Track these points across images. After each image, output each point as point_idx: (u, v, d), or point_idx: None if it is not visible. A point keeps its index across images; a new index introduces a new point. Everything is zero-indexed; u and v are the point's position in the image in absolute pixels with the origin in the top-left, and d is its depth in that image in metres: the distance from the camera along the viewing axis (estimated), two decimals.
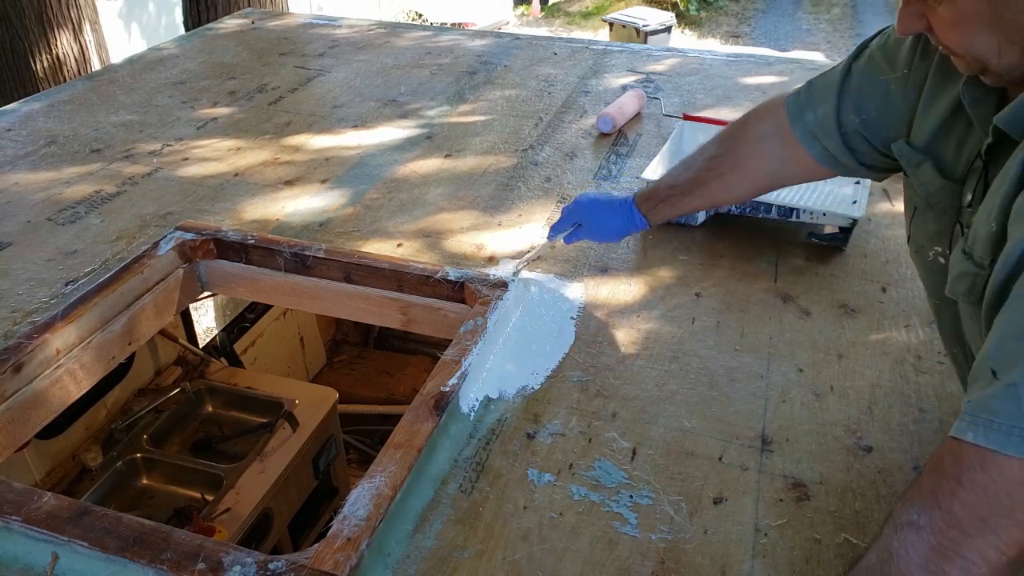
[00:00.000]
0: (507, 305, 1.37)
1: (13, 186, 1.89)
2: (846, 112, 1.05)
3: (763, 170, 1.18)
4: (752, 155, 1.18)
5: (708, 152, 1.23)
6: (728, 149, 1.21)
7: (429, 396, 1.16)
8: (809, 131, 1.09)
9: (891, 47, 1.00)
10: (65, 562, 0.98)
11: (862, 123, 1.03)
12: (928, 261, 0.99)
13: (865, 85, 1.03)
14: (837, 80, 1.06)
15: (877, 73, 1.01)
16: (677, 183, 1.26)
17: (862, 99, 1.03)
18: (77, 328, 1.38)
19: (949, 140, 0.92)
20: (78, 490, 1.80)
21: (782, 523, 1.03)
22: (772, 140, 1.15)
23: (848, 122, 1.05)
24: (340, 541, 0.95)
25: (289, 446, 1.89)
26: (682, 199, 1.25)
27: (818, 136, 1.08)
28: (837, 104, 1.05)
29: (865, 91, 1.03)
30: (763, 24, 11.10)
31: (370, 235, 1.67)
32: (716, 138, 1.24)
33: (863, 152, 1.06)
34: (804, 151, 1.10)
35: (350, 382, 2.88)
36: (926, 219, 0.98)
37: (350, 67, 2.65)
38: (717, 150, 1.22)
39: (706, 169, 1.22)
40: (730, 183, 1.21)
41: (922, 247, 1.00)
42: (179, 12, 4.77)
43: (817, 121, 1.08)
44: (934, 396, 1.23)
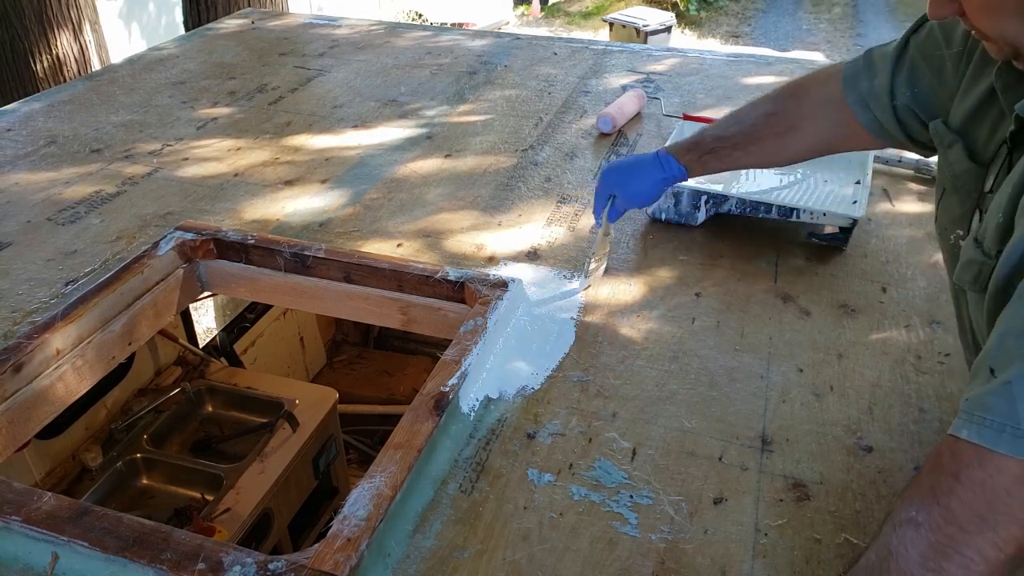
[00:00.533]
0: (507, 305, 1.37)
1: (13, 186, 1.89)
2: (900, 84, 1.04)
3: (820, 134, 1.17)
4: (812, 117, 1.17)
5: (764, 108, 1.21)
6: (788, 108, 1.19)
7: (429, 396, 1.16)
8: (862, 99, 1.09)
9: (950, 23, 0.99)
10: (65, 562, 0.98)
11: (913, 97, 1.03)
12: (950, 244, 0.99)
13: (921, 59, 1.02)
14: (894, 52, 1.05)
15: (933, 48, 1.00)
16: (726, 135, 1.23)
17: (916, 73, 1.03)
18: (77, 328, 1.38)
19: (983, 124, 0.92)
20: (78, 490, 1.80)
21: (782, 523, 1.03)
22: (832, 106, 1.14)
23: (901, 94, 1.04)
24: (340, 541, 0.95)
25: (289, 446, 1.89)
26: (732, 153, 1.22)
27: (870, 106, 1.08)
28: (892, 75, 1.05)
29: (920, 65, 1.02)
30: (763, 24, 11.10)
31: (370, 235, 1.67)
32: (771, 95, 1.22)
33: (912, 126, 1.06)
34: (856, 120, 1.11)
35: (350, 382, 2.88)
36: (952, 201, 0.97)
37: (350, 67, 2.65)
38: (775, 107, 1.20)
39: (764, 125, 1.20)
40: (787, 143, 1.19)
41: (945, 229, 1.00)
42: (179, 12, 4.77)
43: (871, 90, 1.08)
44: (934, 396, 1.23)
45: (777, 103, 1.20)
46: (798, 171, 1.72)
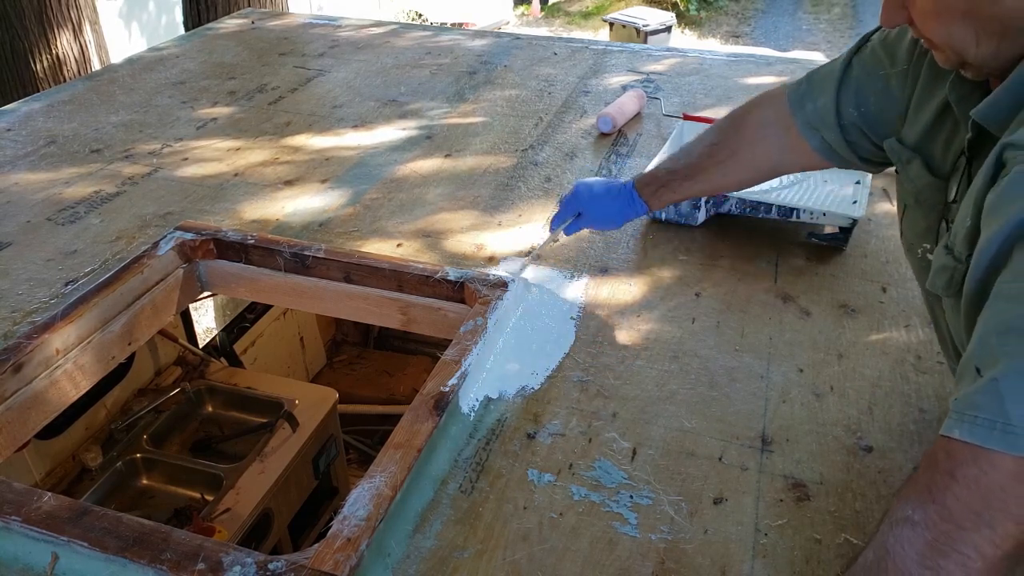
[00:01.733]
0: (507, 305, 1.37)
1: (13, 186, 1.89)
2: (845, 104, 1.05)
3: (763, 158, 1.18)
4: (752, 143, 1.18)
5: (708, 139, 1.24)
6: (728, 136, 1.21)
7: (429, 396, 1.16)
8: (809, 121, 1.09)
9: (892, 41, 1.00)
10: (65, 562, 0.98)
11: (860, 116, 1.04)
12: (918, 258, 1.00)
13: (865, 78, 1.03)
14: (838, 72, 1.06)
15: (877, 67, 1.01)
16: (676, 168, 1.26)
17: (861, 92, 1.03)
18: (77, 328, 1.37)
19: (938, 138, 0.93)
20: (78, 490, 1.80)
21: (782, 523, 1.03)
22: (773, 128, 1.15)
23: (847, 114, 1.05)
24: (340, 541, 0.95)
25: (289, 446, 1.89)
26: (682, 184, 1.25)
27: (818, 127, 1.09)
28: (837, 96, 1.05)
29: (865, 84, 1.03)
30: (763, 24, 11.10)
31: (370, 235, 1.67)
32: (716, 125, 1.25)
33: (861, 146, 1.07)
34: (804, 141, 1.11)
35: (350, 382, 2.88)
36: (916, 216, 0.99)
37: (350, 67, 2.65)
38: (717, 137, 1.22)
39: (707, 155, 1.22)
40: (730, 170, 1.21)
41: (912, 244, 1.01)
42: (179, 12, 4.77)
43: (817, 112, 1.08)
44: (934, 396, 1.23)
45: (719, 133, 1.23)
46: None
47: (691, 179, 1.24)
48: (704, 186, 1.26)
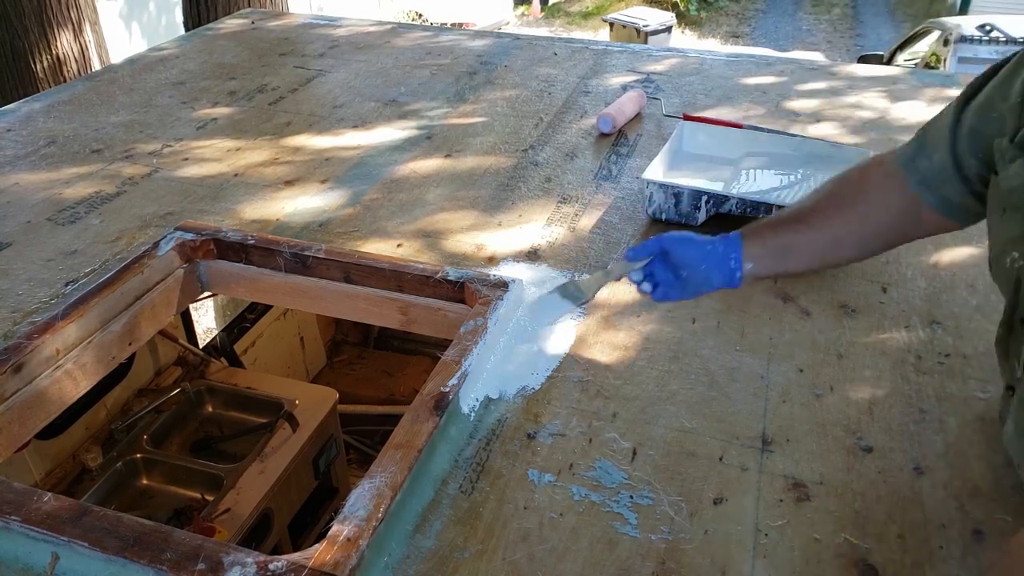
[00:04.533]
0: (507, 305, 1.37)
1: (13, 186, 1.89)
2: (963, 154, 0.99)
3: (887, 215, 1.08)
4: (873, 198, 1.08)
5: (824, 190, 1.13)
6: (845, 191, 1.10)
7: (429, 396, 1.16)
8: (925, 179, 1.03)
9: (1004, 80, 0.96)
10: (65, 562, 0.98)
11: (979, 164, 0.98)
12: (1006, 268, 0.94)
13: (981, 125, 0.97)
14: (948, 124, 1.01)
15: (990, 110, 0.96)
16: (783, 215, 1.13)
17: (978, 139, 0.97)
18: (77, 328, 1.38)
19: None
20: (78, 490, 1.80)
21: (782, 523, 1.03)
22: (891, 188, 1.07)
23: (968, 165, 0.99)
24: (340, 541, 0.95)
25: (289, 446, 1.89)
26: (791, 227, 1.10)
27: (934, 184, 1.02)
28: (952, 147, 1.00)
29: (981, 131, 0.97)
30: (763, 24, 11.10)
31: (370, 235, 1.67)
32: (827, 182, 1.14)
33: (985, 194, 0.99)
34: (921, 201, 1.04)
35: (350, 382, 2.88)
36: (1009, 221, 0.93)
37: (350, 67, 2.65)
38: (832, 188, 1.12)
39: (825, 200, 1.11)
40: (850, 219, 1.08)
41: (1001, 253, 0.95)
42: (179, 12, 4.77)
43: (933, 168, 1.02)
44: (934, 396, 1.23)
45: (836, 186, 1.12)
46: (799, 171, 1.72)
47: (802, 222, 1.09)
48: (818, 236, 1.09)
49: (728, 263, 1.10)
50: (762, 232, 1.11)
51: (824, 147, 1.78)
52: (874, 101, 2.32)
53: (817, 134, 2.03)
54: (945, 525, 1.02)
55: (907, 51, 6.98)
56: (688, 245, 1.12)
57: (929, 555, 0.98)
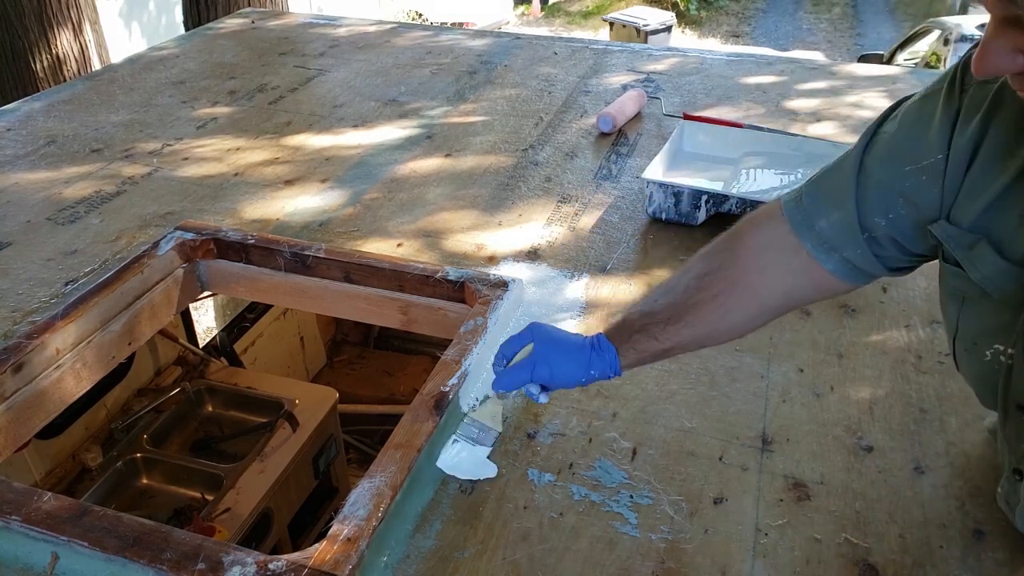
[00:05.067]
0: (507, 305, 1.36)
1: (13, 186, 1.89)
2: (869, 214, 0.86)
3: (772, 286, 0.95)
4: (754, 268, 0.95)
5: (695, 270, 0.99)
6: (723, 262, 0.97)
7: (429, 396, 1.16)
8: (823, 242, 0.90)
9: (912, 130, 0.84)
10: (65, 562, 0.98)
11: (890, 224, 0.86)
12: (985, 361, 0.85)
13: (888, 180, 0.85)
14: (850, 177, 0.87)
15: (901, 164, 0.84)
16: (656, 309, 0.98)
17: (887, 197, 0.85)
18: (77, 328, 1.37)
19: (1007, 215, 0.77)
20: (78, 490, 1.80)
21: (782, 523, 1.03)
22: (776, 252, 0.94)
23: (873, 225, 0.86)
24: (340, 541, 0.95)
25: (289, 446, 1.89)
26: (666, 329, 0.96)
27: (836, 247, 0.89)
28: (857, 206, 0.87)
29: (889, 187, 0.85)
30: (763, 24, 11.10)
31: (370, 235, 1.67)
32: (700, 254, 1.00)
33: (891, 256, 0.89)
34: (816, 264, 0.91)
35: (350, 382, 2.88)
36: (983, 311, 0.83)
37: (350, 67, 2.65)
38: (707, 266, 0.98)
39: (696, 289, 0.96)
40: (731, 305, 0.95)
41: (976, 345, 0.85)
42: (179, 12, 4.77)
43: (833, 229, 0.89)
44: (935, 396, 1.23)
45: (710, 259, 0.98)
46: (799, 171, 1.72)
47: (677, 321, 0.96)
48: (696, 331, 0.97)
49: (607, 373, 0.99)
50: (635, 339, 0.98)
51: (824, 147, 1.78)
52: (874, 101, 2.32)
53: (817, 134, 2.03)
54: (945, 525, 1.02)
55: (907, 50, 6.99)
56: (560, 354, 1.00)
57: (929, 555, 0.98)
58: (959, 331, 0.88)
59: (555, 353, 1.00)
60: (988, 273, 0.79)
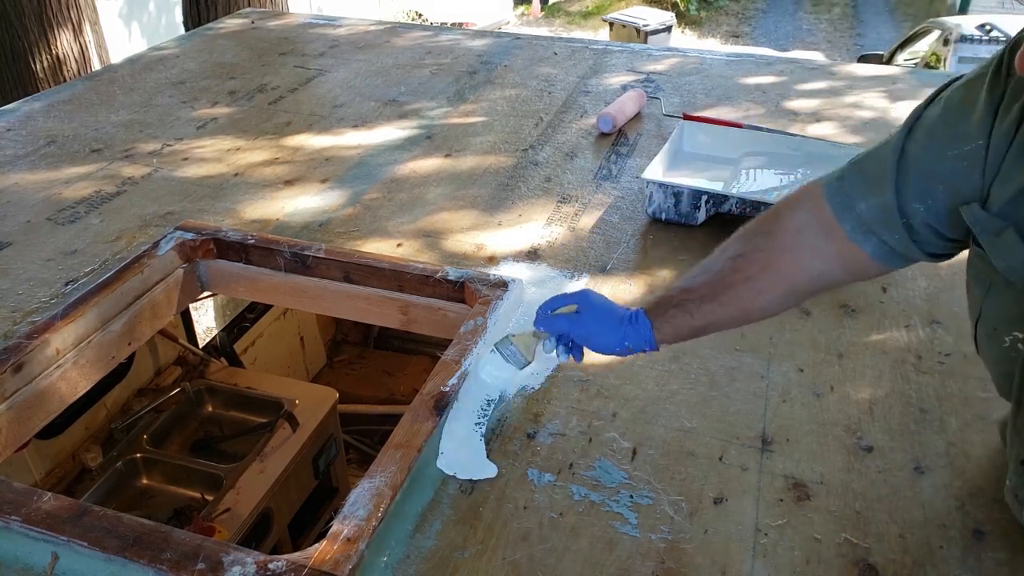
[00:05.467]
0: (507, 305, 1.36)
1: (13, 186, 1.89)
2: (909, 199, 0.87)
3: (804, 269, 0.96)
4: (789, 250, 0.96)
5: (731, 250, 1.00)
6: (758, 245, 0.98)
7: (429, 396, 1.16)
8: (863, 225, 0.90)
9: (954, 115, 0.84)
10: (65, 562, 0.98)
11: (928, 210, 0.86)
12: (1004, 348, 0.85)
13: (928, 166, 0.85)
14: (891, 162, 0.88)
15: (943, 149, 0.84)
16: (692, 285, 1.01)
17: (926, 183, 0.85)
18: (77, 328, 1.37)
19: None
20: (78, 490, 1.80)
21: (782, 523, 1.03)
22: (812, 234, 0.95)
23: (912, 211, 0.87)
24: (340, 541, 0.95)
25: (289, 446, 1.89)
26: (701, 307, 0.99)
27: (875, 230, 0.90)
28: (896, 191, 0.87)
29: (929, 173, 0.85)
30: (763, 24, 11.11)
31: (370, 235, 1.67)
32: (739, 233, 1.02)
33: (929, 241, 0.89)
34: (855, 247, 0.92)
35: (350, 382, 2.88)
36: (1006, 298, 0.84)
37: (350, 67, 2.65)
38: (742, 247, 0.99)
39: (731, 269, 0.98)
40: (763, 286, 0.97)
41: (996, 331, 0.86)
42: (179, 12, 4.77)
43: (872, 213, 0.89)
44: (935, 396, 1.23)
45: (746, 241, 1.00)
46: (798, 171, 1.72)
47: (712, 300, 0.99)
48: (729, 310, 0.99)
49: (641, 346, 1.03)
50: (671, 314, 1.01)
51: (824, 147, 1.78)
52: (874, 101, 2.32)
53: (817, 134, 2.03)
54: (945, 525, 1.02)
55: (907, 51, 6.98)
56: (599, 321, 1.05)
57: (929, 555, 0.98)
58: (982, 315, 0.88)
59: (595, 318, 1.05)
60: (1013, 262, 0.79)
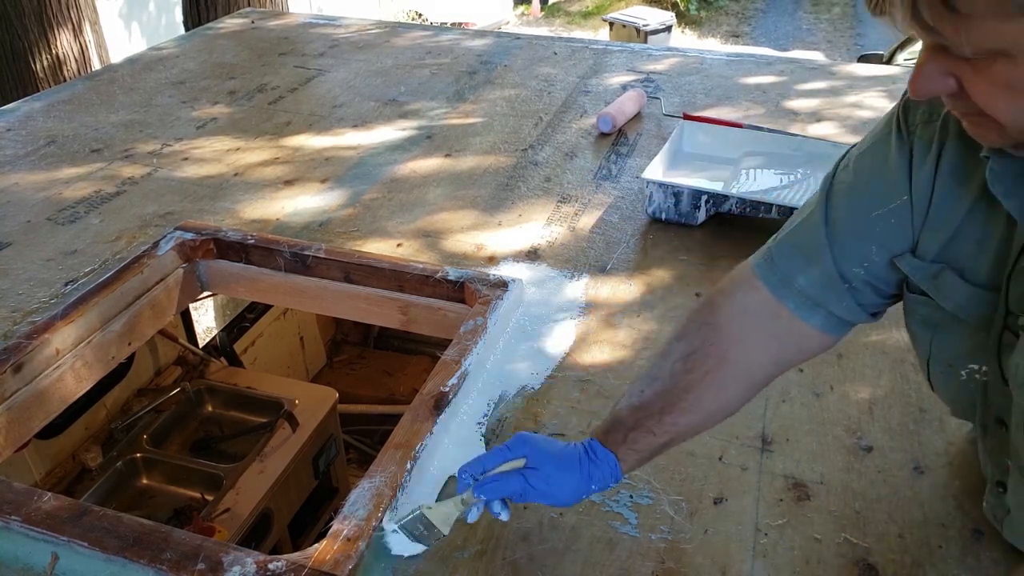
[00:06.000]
0: (507, 305, 1.37)
1: (13, 186, 1.89)
2: (846, 264, 0.86)
3: (760, 355, 0.92)
4: (738, 338, 0.91)
5: (676, 353, 0.93)
6: (706, 339, 0.92)
7: (429, 396, 1.16)
8: (806, 299, 0.89)
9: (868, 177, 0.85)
10: (65, 562, 0.98)
11: (867, 271, 0.86)
12: (961, 381, 0.86)
13: (858, 229, 0.85)
14: (821, 233, 0.87)
15: (867, 211, 0.84)
16: (644, 401, 0.92)
17: (860, 244, 0.85)
18: (77, 328, 1.38)
19: (965, 243, 0.79)
20: (78, 490, 1.80)
21: (782, 523, 1.03)
22: (756, 316, 0.92)
23: (853, 275, 0.87)
24: (340, 541, 0.95)
25: (289, 446, 1.89)
26: (662, 419, 0.90)
27: (821, 302, 0.89)
28: (834, 260, 0.86)
29: (860, 235, 0.85)
30: (763, 24, 11.11)
31: (370, 235, 1.67)
32: (678, 333, 0.95)
33: (871, 303, 0.90)
34: (801, 323, 0.90)
35: (350, 382, 2.88)
36: (954, 336, 0.84)
37: (350, 67, 2.65)
38: (690, 345, 0.93)
39: (684, 372, 0.91)
40: (725, 382, 0.91)
41: (952, 367, 0.86)
42: (179, 12, 4.77)
43: (814, 285, 0.88)
44: (934, 396, 1.22)
45: (690, 339, 0.93)
46: (798, 171, 1.72)
47: (672, 410, 0.90)
48: (694, 417, 0.91)
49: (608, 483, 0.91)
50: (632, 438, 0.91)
51: (824, 147, 1.78)
52: (874, 101, 2.32)
53: (817, 134, 2.03)
54: (945, 525, 1.02)
55: (907, 51, 6.97)
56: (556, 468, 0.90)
57: (929, 555, 0.98)
58: (932, 355, 0.88)
59: (551, 464, 0.90)
60: (959, 300, 0.80)
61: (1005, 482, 0.88)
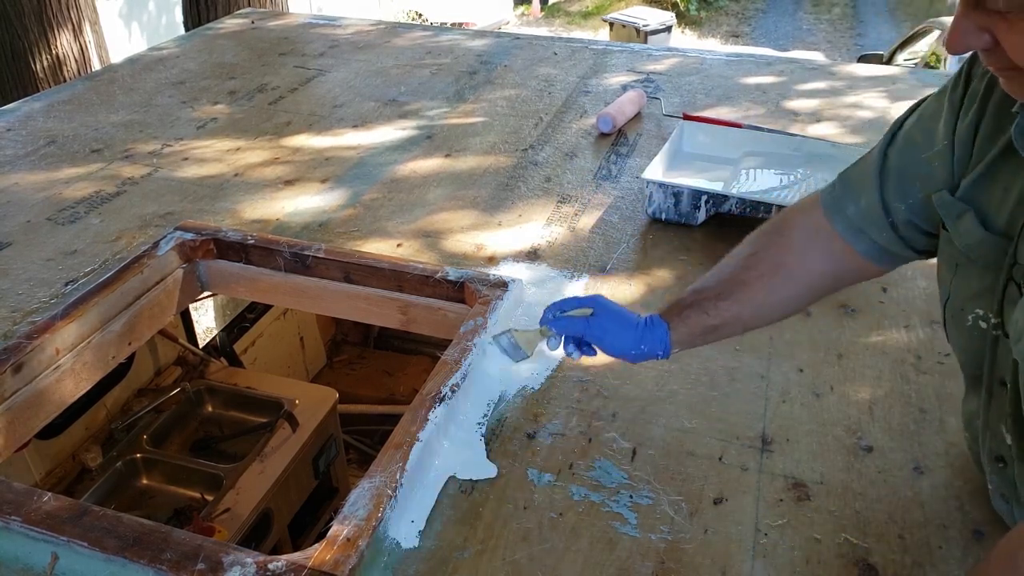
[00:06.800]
0: (507, 305, 1.37)
1: (13, 186, 1.89)
2: (891, 200, 0.94)
3: (813, 270, 1.01)
4: (796, 249, 1.01)
5: (744, 251, 1.05)
6: (770, 244, 1.03)
7: (429, 396, 1.16)
8: (853, 225, 0.97)
9: (927, 122, 0.92)
10: (65, 562, 0.98)
11: (909, 208, 0.93)
12: (967, 326, 0.90)
13: (906, 167, 0.93)
14: (874, 167, 0.96)
15: (916, 153, 0.92)
16: (708, 286, 1.05)
17: (905, 183, 0.93)
18: (77, 328, 1.37)
19: (993, 188, 0.83)
20: (78, 490, 1.80)
21: (782, 523, 1.03)
22: (814, 235, 1.01)
23: (895, 210, 0.94)
24: (340, 541, 0.95)
25: (289, 446, 1.89)
26: (716, 304, 1.02)
27: (864, 229, 0.97)
28: (879, 192, 0.95)
29: (907, 174, 0.93)
30: (763, 24, 11.11)
31: (370, 235, 1.67)
32: (751, 237, 1.06)
33: (915, 239, 0.96)
34: (849, 247, 0.98)
35: (350, 382, 2.88)
36: (968, 276, 0.88)
37: (350, 67, 2.65)
38: (754, 247, 1.04)
39: (744, 268, 1.03)
40: (775, 284, 1.02)
41: (961, 310, 0.90)
42: (179, 12, 4.77)
43: (861, 213, 0.97)
44: (934, 396, 1.23)
45: (757, 242, 1.05)
46: (798, 171, 1.72)
47: (727, 297, 1.02)
48: (744, 308, 1.02)
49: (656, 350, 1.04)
50: (686, 314, 1.03)
51: (824, 147, 1.78)
52: (874, 101, 2.32)
53: (817, 134, 2.03)
54: (945, 525, 1.02)
55: (907, 51, 6.98)
56: (615, 323, 1.05)
57: (929, 555, 0.98)
58: (950, 296, 0.93)
59: (612, 321, 1.05)
60: (970, 242, 0.86)
61: (1003, 456, 0.90)
